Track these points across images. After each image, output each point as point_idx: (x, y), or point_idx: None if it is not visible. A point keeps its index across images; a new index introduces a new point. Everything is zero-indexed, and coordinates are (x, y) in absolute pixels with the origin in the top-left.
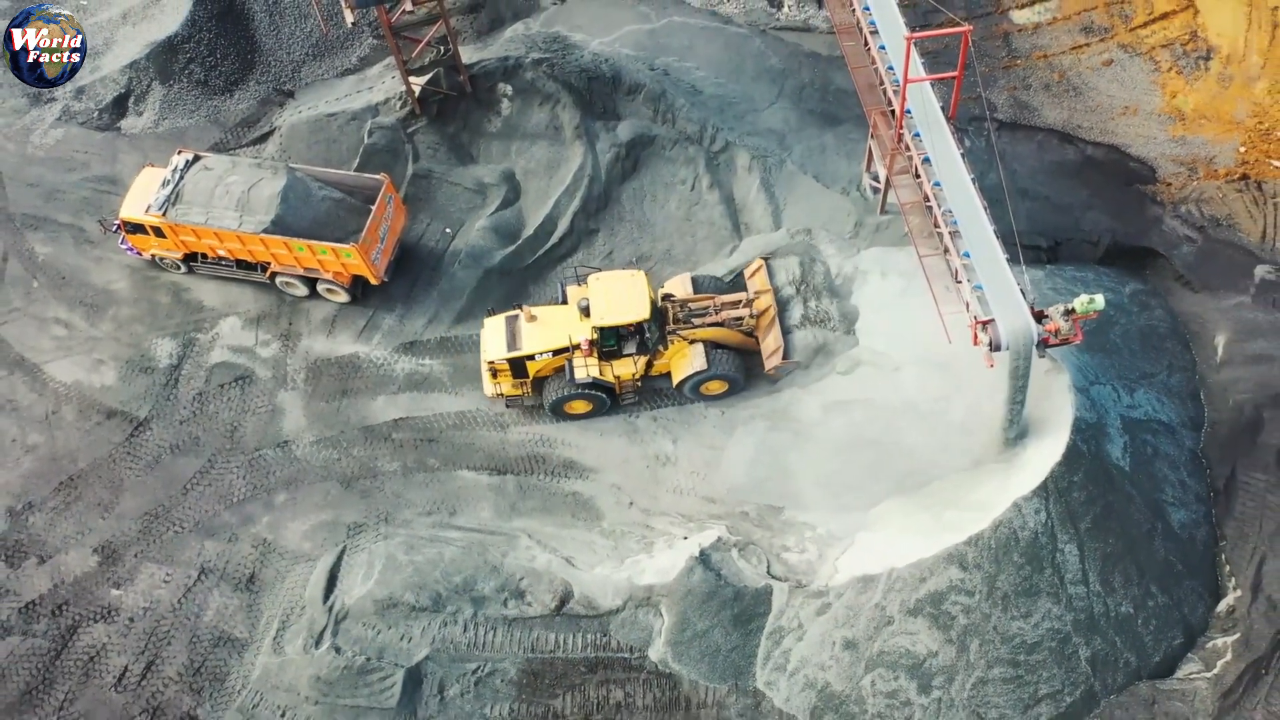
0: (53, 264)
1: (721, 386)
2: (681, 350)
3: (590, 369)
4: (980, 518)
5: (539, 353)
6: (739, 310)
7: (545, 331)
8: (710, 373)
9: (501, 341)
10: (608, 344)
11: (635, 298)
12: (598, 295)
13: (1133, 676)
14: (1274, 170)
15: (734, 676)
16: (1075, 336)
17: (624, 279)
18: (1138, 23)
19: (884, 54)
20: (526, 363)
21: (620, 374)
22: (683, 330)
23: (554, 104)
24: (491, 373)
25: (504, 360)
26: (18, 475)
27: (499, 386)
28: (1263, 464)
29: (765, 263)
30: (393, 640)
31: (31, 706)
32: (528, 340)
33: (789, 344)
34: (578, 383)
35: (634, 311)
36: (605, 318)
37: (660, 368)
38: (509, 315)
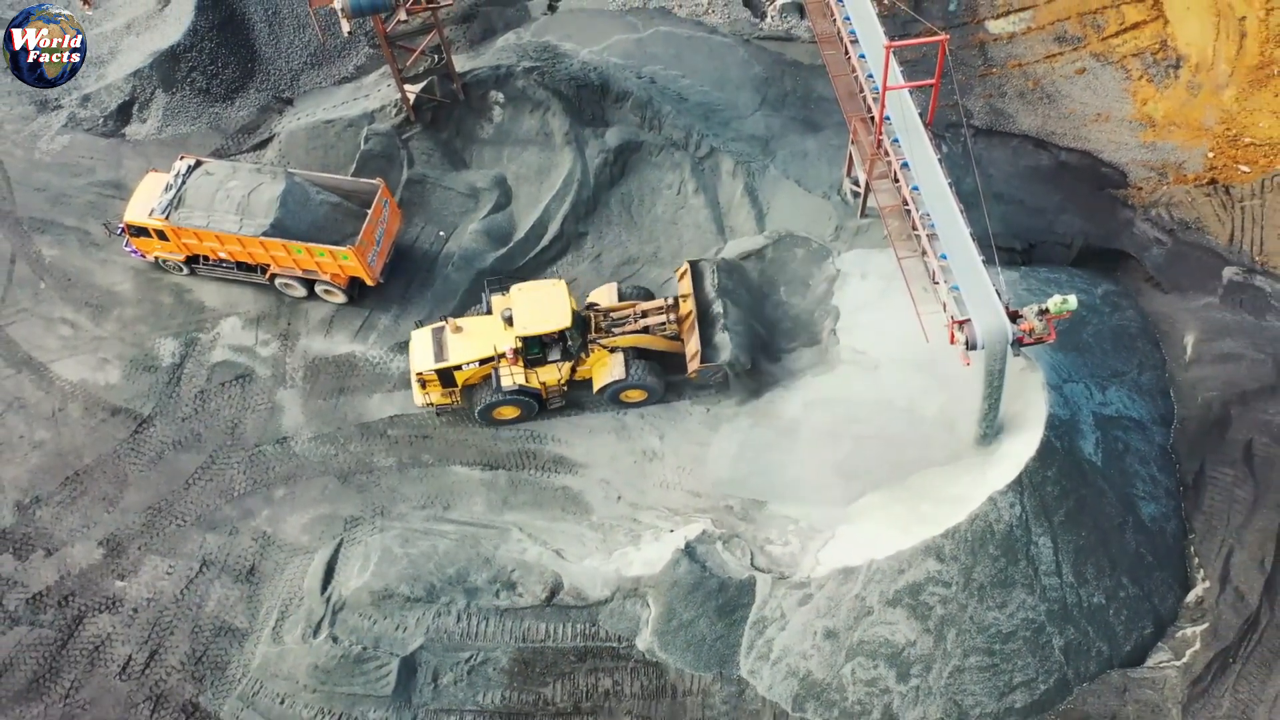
0: (59, 266)
1: (640, 395)
2: (602, 358)
3: (516, 376)
4: (957, 511)
5: (466, 362)
6: (659, 316)
7: (471, 342)
8: (627, 382)
9: (429, 353)
10: (532, 352)
11: (556, 307)
12: (520, 305)
13: (1104, 665)
14: (1241, 175)
15: (719, 665)
16: (1049, 336)
17: (545, 288)
18: (1109, 32)
19: (864, 62)
20: (454, 372)
21: (545, 380)
22: (603, 339)
23: (544, 111)
24: (420, 383)
25: (432, 371)
26: (25, 470)
27: (429, 396)
28: (1230, 459)
29: (690, 267)
30: (388, 630)
31: (39, 694)
32: (454, 351)
33: (710, 348)
34: (504, 390)
35: (555, 320)
36: (528, 327)
37: (584, 374)
38: (435, 327)
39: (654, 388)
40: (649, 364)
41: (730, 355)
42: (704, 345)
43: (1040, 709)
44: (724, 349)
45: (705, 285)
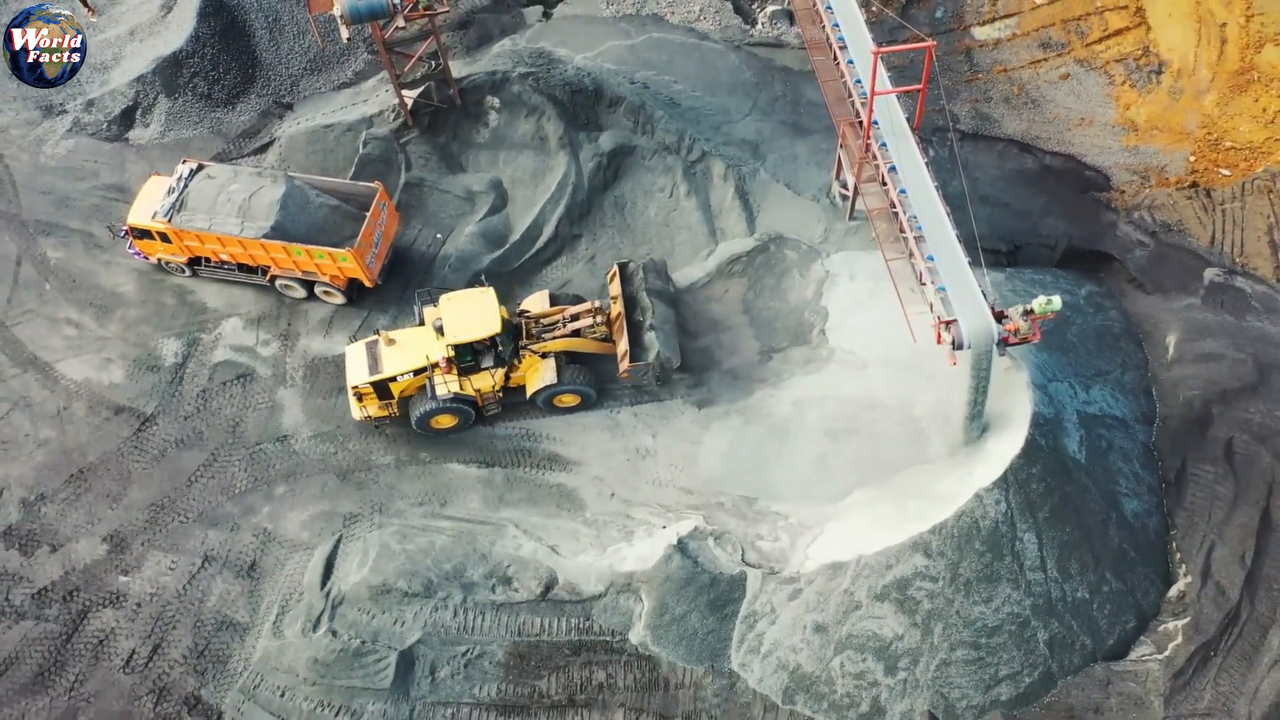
0: (64, 268)
1: (574, 399)
2: (535, 364)
3: (450, 385)
4: (944, 508)
5: (400, 374)
6: (588, 320)
7: (404, 353)
8: (560, 386)
9: (363, 366)
10: (464, 360)
11: (486, 314)
12: (450, 314)
13: (1088, 658)
14: (1222, 178)
15: (710, 658)
16: (1034, 336)
17: (474, 297)
18: (1093, 39)
19: (852, 68)
20: (389, 384)
21: (480, 388)
22: (534, 345)
23: (539, 116)
24: (357, 396)
25: (367, 384)
26: (31, 468)
27: (366, 409)
28: (1211, 457)
29: (619, 269)
30: (386, 624)
31: (44, 687)
32: (388, 363)
33: (639, 348)
34: (439, 399)
35: (485, 327)
36: (458, 335)
37: (518, 380)
38: (369, 341)
39: (587, 391)
40: (581, 368)
41: (657, 353)
42: (633, 345)
43: (1025, 701)
44: (652, 348)
45: (634, 286)
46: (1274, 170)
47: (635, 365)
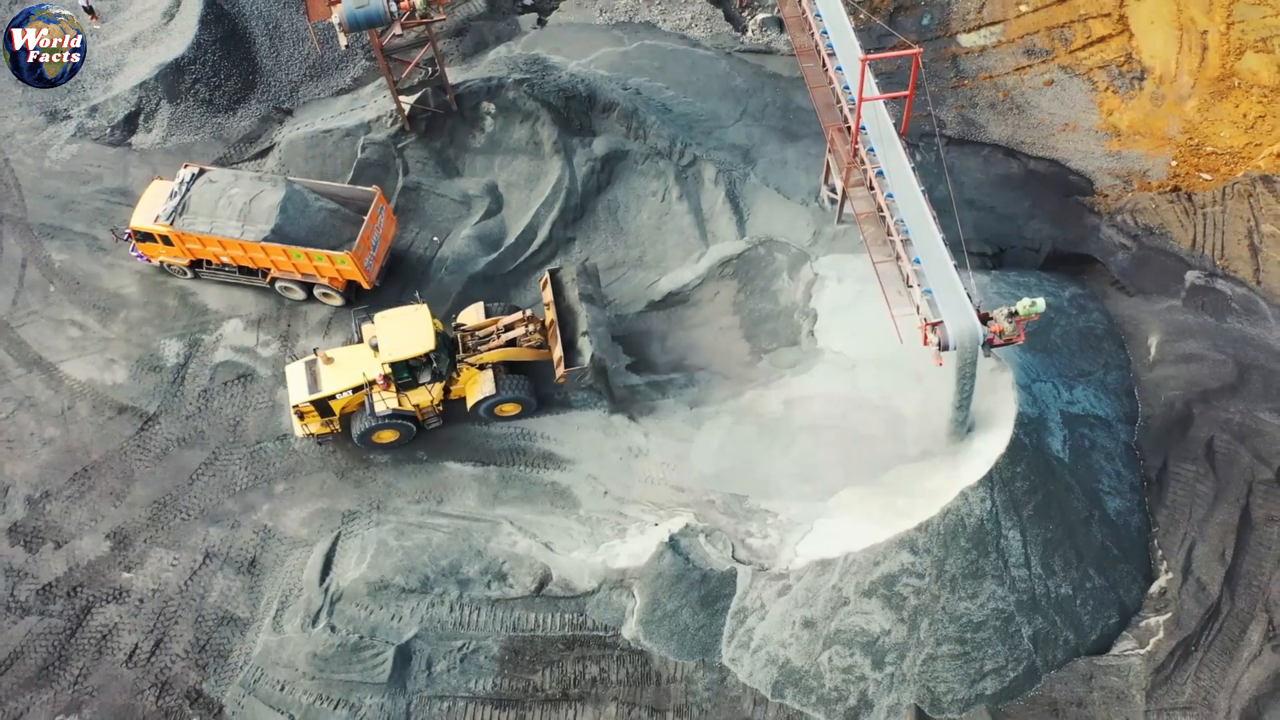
0: (68, 270)
1: (515, 408)
2: (473, 376)
3: (389, 401)
4: (930, 505)
5: (339, 391)
6: (520, 329)
7: (343, 371)
8: (499, 396)
9: (303, 385)
10: (401, 376)
11: (420, 331)
12: (385, 332)
13: (1072, 653)
14: (1203, 183)
15: (701, 653)
16: (1018, 337)
17: (408, 314)
18: (1076, 46)
19: (841, 75)
20: (330, 402)
21: (419, 403)
22: (471, 357)
23: (534, 121)
24: (299, 415)
25: (308, 402)
26: (35, 466)
27: (308, 427)
28: (1192, 456)
29: (550, 276)
30: (384, 620)
31: (49, 681)
32: (327, 381)
33: (574, 352)
34: (378, 416)
35: (419, 344)
36: (393, 353)
37: (458, 393)
38: (308, 360)
39: (526, 400)
40: (520, 378)
41: (592, 355)
42: (567, 350)
43: (1010, 695)
44: (586, 351)
45: (565, 292)
46: (1254, 175)
47: (571, 370)
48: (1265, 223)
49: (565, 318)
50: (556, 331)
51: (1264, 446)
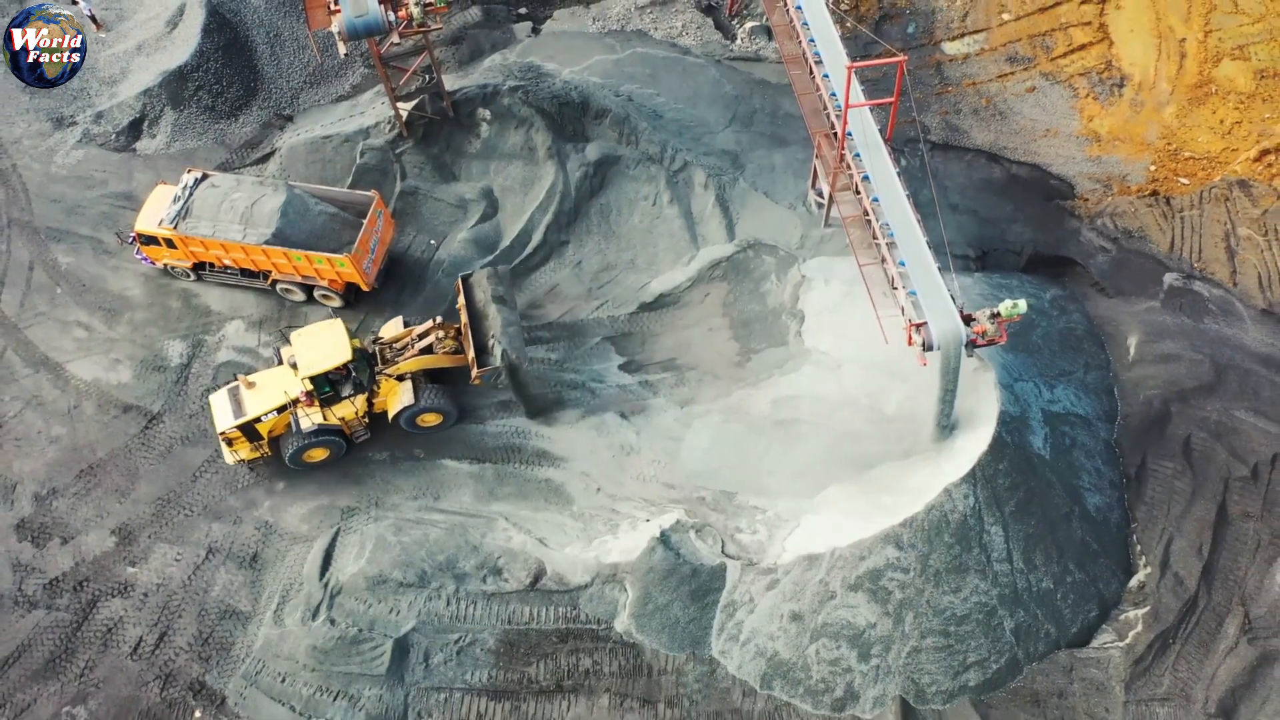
0: (74, 273)
1: (436, 418)
2: (393, 388)
3: (314, 418)
4: (914, 502)
5: (264, 413)
6: (432, 337)
7: (266, 393)
8: (418, 406)
9: (228, 412)
10: (323, 391)
11: (336, 343)
12: (302, 348)
13: (1052, 646)
14: (1181, 187)
15: (691, 646)
16: (1000, 337)
17: (323, 329)
18: (1058, 53)
19: (827, 82)
20: (256, 426)
21: (344, 416)
22: (389, 369)
23: (528, 127)
24: (226, 442)
25: (234, 429)
26: (42, 464)
27: (238, 453)
28: (1170, 453)
29: (462, 281)
30: (382, 613)
31: (56, 673)
32: (251, 405)
33: (485, 354)
34: (305, 433)
35: (337, 356)
36: (312, 366)
37: (381, 405)
38: (230, 387)
39: (446, 408)
40: (440, 387)
41: (503, 354)
42: (480, 352)
43: (992, 687)
44: (497, 352)
45: (476, 296)
46: (1231, 180)
47: (484, 371)
48: (1241, 226)
49: (477, 321)
50: (469, 335)
51: (1240, 444)
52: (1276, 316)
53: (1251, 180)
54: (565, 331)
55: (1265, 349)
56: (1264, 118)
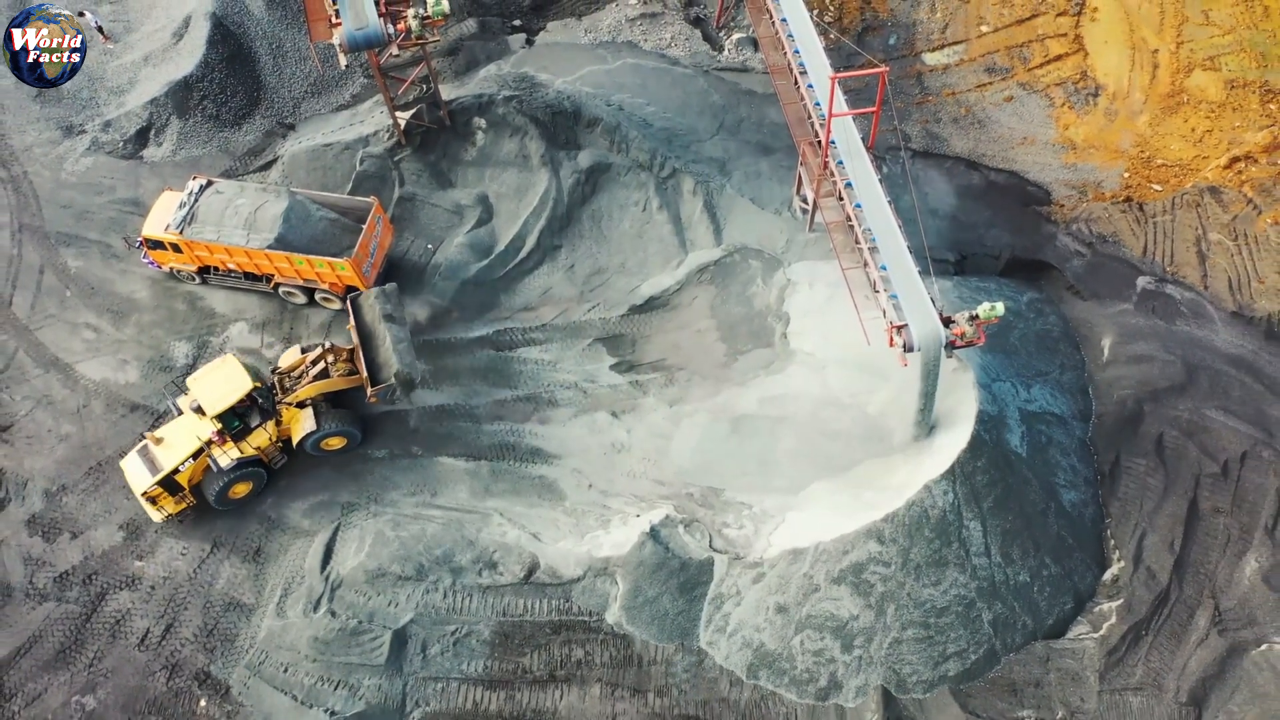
0: (83, 276)
1: (340, 441)
2: (295, 416)
3: (230, 454)
4: (896, 498)
5: (180, 463)
6: (324, 362)
7: (176, 444)
8: (321, 431)
9: (143, 471)
10: (233, 426)
11: (234, 378)
12: (202, 389)
13: (1029, 637)
14: (1154, 193)
15: (680, 637)
16: (979, 339)
17: (218, 367)
18: (1035, 64)
19: (811, 92)
20: (174, 478)
21: (259, 444)
22: (288, 398)
23: (523, 135)
24: (150, 501)
25: (154, 486)
26: (53, 461)
27: (164, 510)
28: (1143, 451)
29: (350, 303)
30: (381, 606)
31: (66, 663)
32: (164, 459)
33: (378, 370)
34: (225, 470)
35: (238, 388)
36: (218, 405)
37: (284, 434)
38: (139, 448)
39: (348, 431)
40: (342, 411)
41: (396, 371)
42: (373, 370)
43: (971, 677)
44: (389, 367)
45: (365, 316)
46: (1202, 186)
47: (379, 388)
48: (1212, 231)
49: (368, 341)
50: (361, 355)
51: (1210, 442)
52: (1246, 319)
53: (1222, 187)
54: (558, 333)
55: (1235, 350)
56: (1234, 126)
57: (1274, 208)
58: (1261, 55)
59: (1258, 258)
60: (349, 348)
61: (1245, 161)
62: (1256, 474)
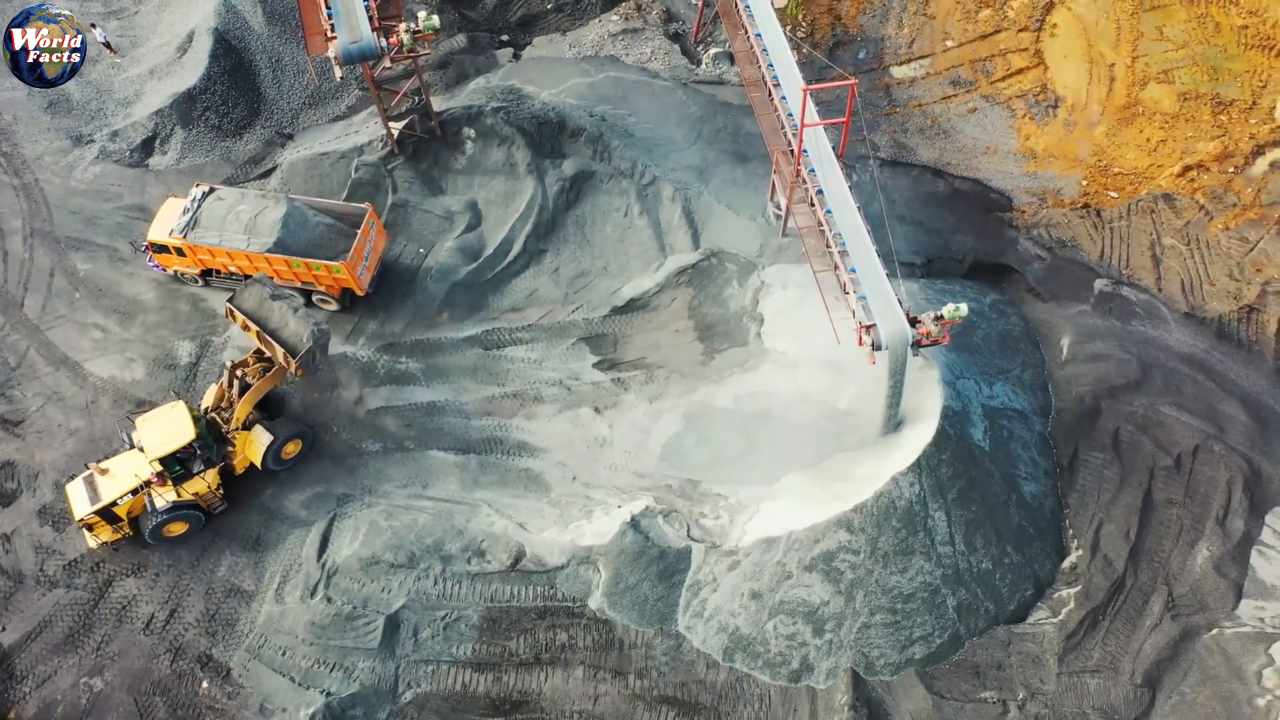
0: (92, 278)
1: (296, 445)
2: (246, 439)
3: (167, 496)
4: (864, 489)
5: (119, 497)
6: (245, 364)
7: (118, 478)
8: (278, 440)
9: (84, 499)
10: (173, 470)
11: (178, 424)
12: (147, 433)
13: (992, 622)
14: (1111, 200)
15: (659, 622)
16: (944, 338)
17: (166, 412)
18: (997, 77)
19: (785, 103)
20: (112, 509)
21: (197, 491)
22: (232, 425)
23: (510, 145)
24: (87, 528)
25: (92, 514)
26: (63, 454)
27: (99, 536)
28: (1100, 445)
29: (233, 309)
30: (375, 592)
31: (74, 647)
32: (105, 490)
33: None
34: (159, 511)
35: (180, 436)
36: (159, 449)
37: (243, 464)
38: (85, 475)
39: (299, 430)
40: (284, 417)
41: (309, 334)
42: (287, 346)
43: (936, 659)
44: (299, 337)
45: (250, 308)
46: (1156, 193)
47: (301, 358)
48: (1166, 236)
49: (265, 326)
50: (269, 340)
51: (1164, 436)
52: (1198, 319)
53: (1175, 194)
54: (544, 333)
55: (1187, 349)
56: (1187, 136)
57: (1225, 213)
58: (1213, 69)
59: (1209, 261)
60: (252, 351)
61: (1197, 170)
62: (1208, 467)
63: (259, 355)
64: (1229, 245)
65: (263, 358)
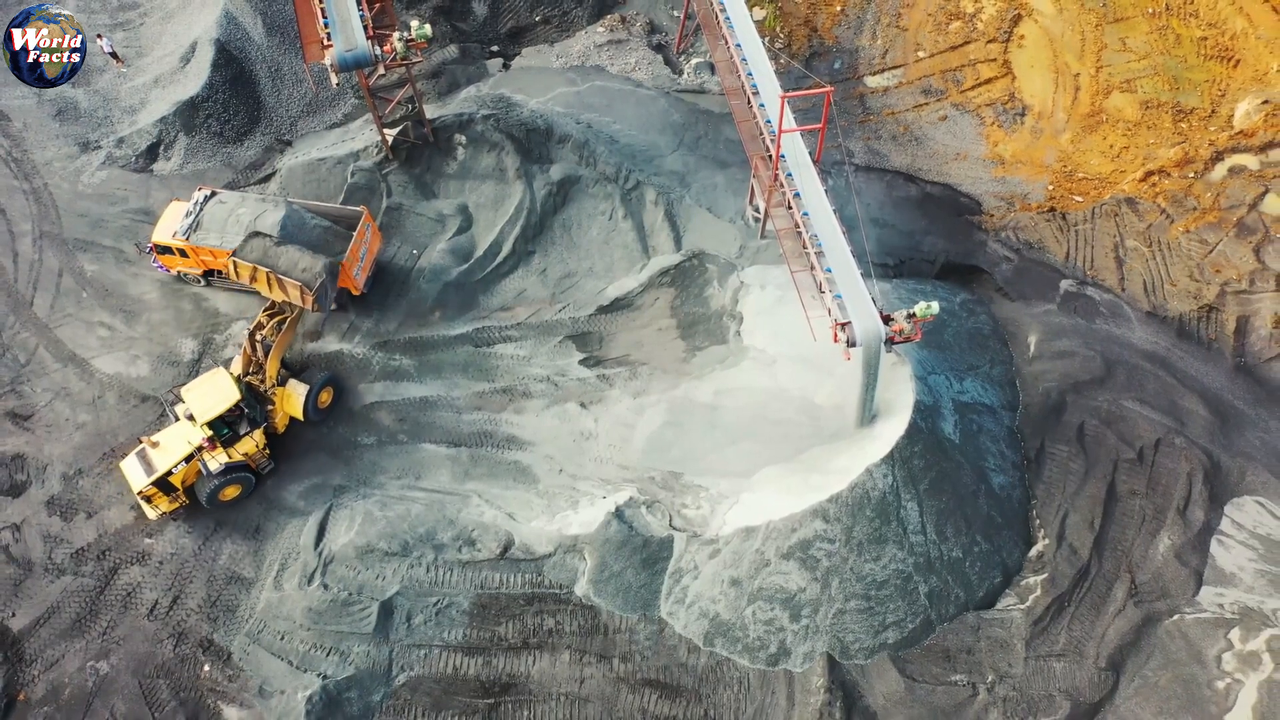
0: (98, 279)
1: (329, 392)
2: (285, 394)
3: (219, 459)
4: (840, 480)
5: (174, 465)
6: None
7: (170, 448)
8: (315, 387)
9: (140, 472)
10: (222, 433)
11: (223, 389)
12: (194, 399)
13: (961, 608)
14: (1076, 204)
15: (643, 608)
16: (916, 335)
17: (210, 378)
18: (967, 86)
19: (763, 110)
20: (169, 479)
21: (247, 451)
22: (268, 384)
23: (500, 150)
24: (146, 499)
25: (150, 486)
26: (70, 447)
27: (158, 508)
28: (1066, 438)
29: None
30: (370, 579)
31: (81, 632)
32: (159, 461)
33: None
34: (214, 474)
35: (226, 399)
36: (207, 414)
37: (283, 421)
38: (137, 451)
39: (329, 378)
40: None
41: (322, 267)
42: (302, 283)
43: (908, 644)
44: (313, 269)
45: (255, 256)
46: (1119, 197)
47: (316, 292)
48: (1129, 238)
49: (275, 268)
50: (279, 281)
51: (1127, 430)
52: (1160, 318)
53: (1138, 198)
54: (532, 331)
55: (1149, 346)
56: (1149, 143)
57: (1185, 217)
58: (1174, 79)
59: (1170, 263)
60: (263, 311)
61: (1159, 175)
62: (1169, 459)
63: (270, 313)
64: (1189, 247)
65: (275, 315)
